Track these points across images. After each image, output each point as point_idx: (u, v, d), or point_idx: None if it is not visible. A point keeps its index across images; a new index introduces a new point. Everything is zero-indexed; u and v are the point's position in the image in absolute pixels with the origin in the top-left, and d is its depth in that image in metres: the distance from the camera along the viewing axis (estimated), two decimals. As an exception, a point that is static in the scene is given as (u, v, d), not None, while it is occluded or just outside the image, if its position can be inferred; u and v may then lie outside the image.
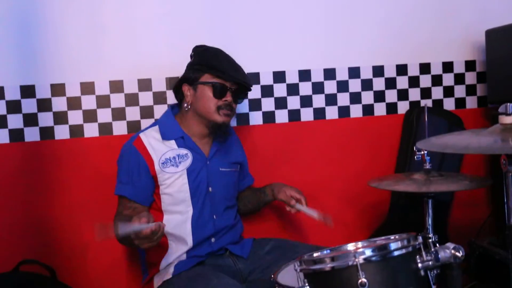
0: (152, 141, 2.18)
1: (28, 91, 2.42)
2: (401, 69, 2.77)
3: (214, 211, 2.22)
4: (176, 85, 2.25)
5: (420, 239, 1.53)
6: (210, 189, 2.21)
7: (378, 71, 2.74)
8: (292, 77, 2.66)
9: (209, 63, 2.17)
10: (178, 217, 2.17)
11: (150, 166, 2.14)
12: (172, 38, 2.52)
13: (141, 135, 2.20)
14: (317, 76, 2.68)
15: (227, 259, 2.22)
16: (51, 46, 2.42)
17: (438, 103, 2.81)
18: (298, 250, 2.13)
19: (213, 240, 2.21)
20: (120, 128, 2.51)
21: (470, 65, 2.84)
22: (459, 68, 2.83)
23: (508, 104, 1.57)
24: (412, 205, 2.55)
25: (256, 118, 2.64)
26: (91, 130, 2.48)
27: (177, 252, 2.17)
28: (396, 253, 1.47)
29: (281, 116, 2.66)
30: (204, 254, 2.18)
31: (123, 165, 2.19)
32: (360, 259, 1.43)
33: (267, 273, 2.11)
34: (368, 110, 2.75)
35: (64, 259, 2.48)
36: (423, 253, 1.52)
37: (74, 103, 2.46)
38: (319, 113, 2.70)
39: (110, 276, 2.54)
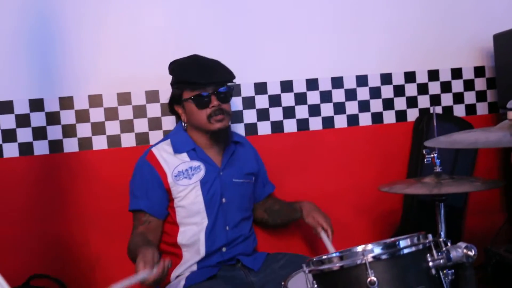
0: (164, 154, 2.20)
1: (36, 104, 2.44)
2: (410, 76, 2.76)
3: (227, 222, 2.21)
4: (169, 107, 2.30)
5: (430, 237, 1.51)
6: (223, 200, 2.21)
7: (386, 78, 2.73)
8: (299, 86, 2.66)
9: (181, 79, 2.19)
10: (194, 228, 2.17)
11: (163, 179, 2.16)
12: (178, 49, 2.51)
13: (153, 149, 2.23)
14: (325, 84, 2.68)
15: (239, 271, 2.19)
16: (59, 60, 2.44)
17: (448, 110, 2.79)
18: None
19: (224, 249, 2.20)
20: (128, 140, 2.51)
21: (479, 71, 2.82)
22: (468, 74, 2.81)
23: (516, 99, 1.55)
24: (425, 213, 2.51)
25: (264, 128, 2.63)
26: (99, 143, 2.49)
27: (189, 262, 2.17)
28: (405, 251, 1.44)
29: (290, 126, 2.66)
30: (215, 263, 2.17)
31: (137, 180, 2.21)
32: (369, 257, 1.41)
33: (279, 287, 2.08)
34: (377, 118, 2.73)
35: (74, 273, 2.46)
36: (434, 251, 1.49)
37: (82, 116, 2.48)
38: (328, 122, 2.69)
39: (121, 290, 2.52)
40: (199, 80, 2.15)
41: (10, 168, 2.42)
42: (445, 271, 1.77)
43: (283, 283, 1.84)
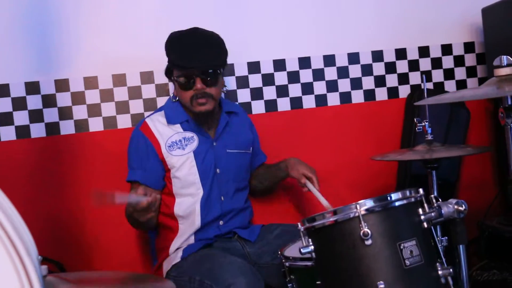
0: (158, 125, 2.23)
1: (32, 87, 2.47)
2: (400, 53, 2.81)
3: (222, 193, 2.26)
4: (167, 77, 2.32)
5: (421, 191, 1.55)
6: (217, 170, 2.25)
7: (377, 56, 2.78)
8: (292, 65, 2.71)
9: (169, 58, 2.20)
10: (189, 200, 2.22)
11: (157, 150, 2.20)
12: (172, 28, 2.56)
13: (147, 120, 2.26)
14: (317, 63, 2.73)
15: (235, 242, 2.25)
16: (54, 42, 2.49)
17: (439, 85, 2.84)
18: None
19: (221, 222, 2.25)
20: (124, 122, 2.55)
21: (469, 47, 2.87)
22: (458, 50, 2.86)
23: (503, 56, 1.60)
24: (419, 187, 2.55)
25: (258, 107, 2.68)
26: (95, 124, 2.53)
27: (185, 234, 2.21)
28: (397, 203, 1.50)
29: (283, 104, 2.70)
30: (212, 237, 2.22)
31: (132, 151, 2.25)
32: (362, 210, 1.45)
33: (276, 257, 2.12)
34: (369, 95, 2.78)
35: (73, 254, 2.50)
36: (426, 206, 1.54)
37: (78, 98, 2.52)
38: (321, 100, 2.73)
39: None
40: (182, 63, 2.15)
41: (7, 151, 2.46)
42: (438, 237, 1.82)
43: (279, 251, 1.89)
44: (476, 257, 2.65)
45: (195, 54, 2.17)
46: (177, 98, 2.27)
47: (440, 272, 1.48)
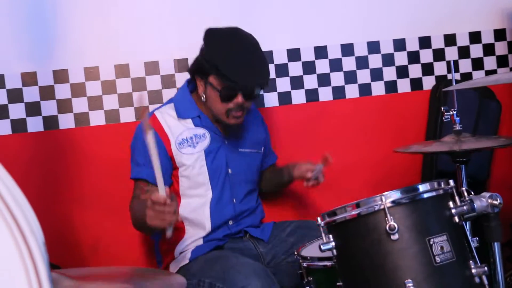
0: (168, 119, 2.19)
1: (29, 78, 2.47)
2: (425, 42, 2.77)
3: (234, 195, 2.23)
4: (189, 71, 2.24)
5: (452, 183, 1.52)
6: (229, 170, 2.22)
7: (399, 44, 2.75)
8: (307, 55, 2.68)
9: (215, 63, 2.08)
10: (196, 201, 2.19)
11: (167, 146, 2.16)
12: (179, 16, 2.57)
13: (156, 112, 2.22)
14: (334, 52, 2.70)
15: (247, 242, 2.23)
16: (52, 30, 2.48)
17: (467, 76, 2.80)
18: None
19: (231, 222, 2.22)
20: (127, 115, 2.54)
21: (499, 34, 2.83)
22: (487, 38, 2.82)
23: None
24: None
25: (271, 100, 2.66)
26: (97, 118, 2.52)
27: (193, 237, 2.18)
28: (426, 195, 1.47)
29: (298, 97, 2.68)
30: (222, 237, 2.19)
31: (138, 146, 2.16)
32: (388, 203, 1.42)
33: (290, 254, 2.12)
34: (391, 87, 2.75)
35: (73, 257, 2.49)
36: (457, 198, 1.51)
37: (78, 89, 2.51)
38: (339, 92, 2.71)
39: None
40: (236, 75, 2.06)
41: (2, 146, 2.45)
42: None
43: (296, 252, 1.87)
44: (510, 262, 2.61)
45: (250, 72, 2.11)
46: (203, 98, 2.18)
47: (474, 271, 1.45)
